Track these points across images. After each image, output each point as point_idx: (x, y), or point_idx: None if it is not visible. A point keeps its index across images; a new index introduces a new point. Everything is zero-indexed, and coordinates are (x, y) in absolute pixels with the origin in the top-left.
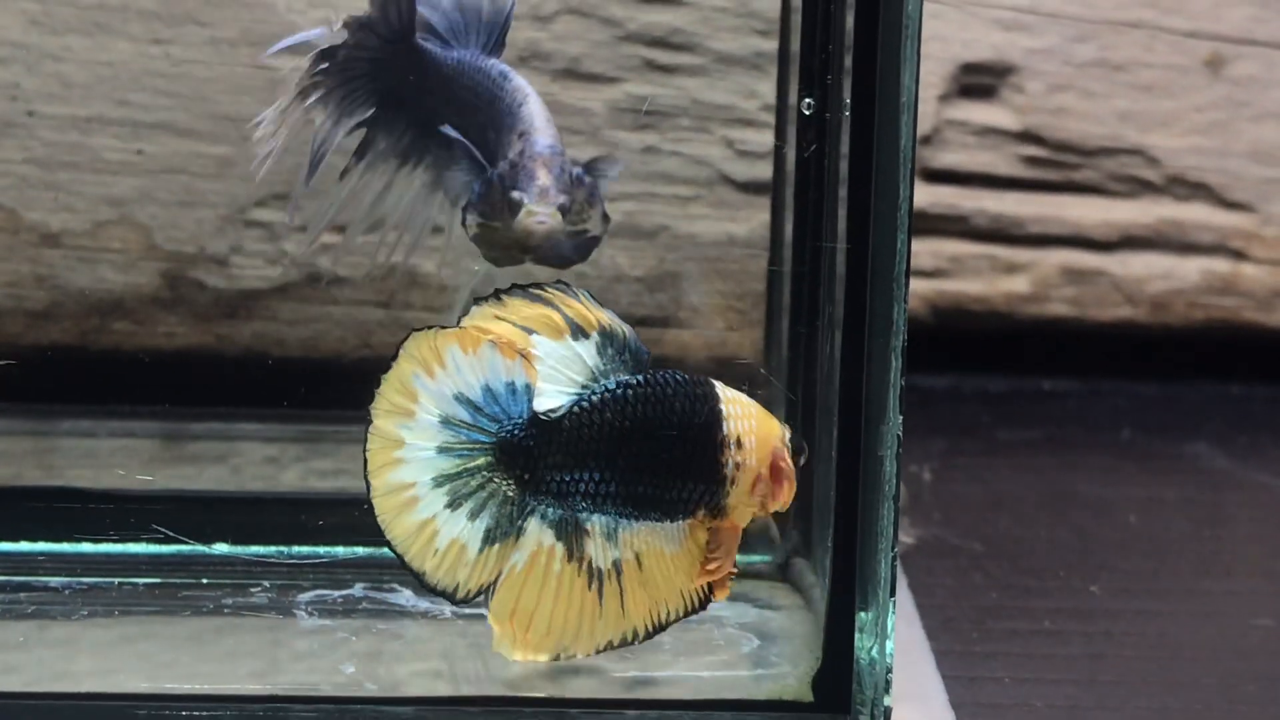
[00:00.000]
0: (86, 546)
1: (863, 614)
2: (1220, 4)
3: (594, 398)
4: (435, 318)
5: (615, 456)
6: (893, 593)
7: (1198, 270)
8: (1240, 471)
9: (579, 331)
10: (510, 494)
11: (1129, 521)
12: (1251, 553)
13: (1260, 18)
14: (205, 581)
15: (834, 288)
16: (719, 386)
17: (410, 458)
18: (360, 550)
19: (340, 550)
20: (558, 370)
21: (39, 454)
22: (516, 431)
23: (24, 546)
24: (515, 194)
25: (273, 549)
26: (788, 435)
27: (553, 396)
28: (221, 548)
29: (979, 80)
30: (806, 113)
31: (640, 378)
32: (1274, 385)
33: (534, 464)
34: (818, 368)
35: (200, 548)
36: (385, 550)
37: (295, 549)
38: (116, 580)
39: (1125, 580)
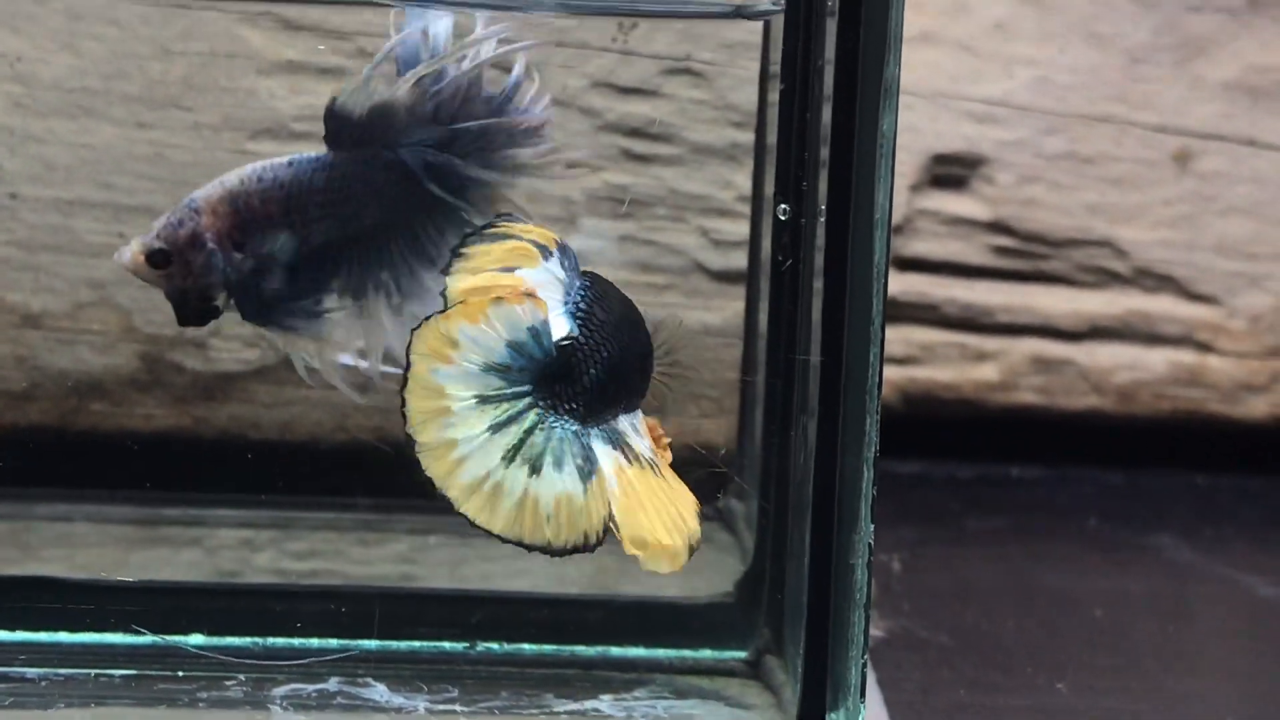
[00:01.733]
0: (63, 636)
1: (833, 715)
2: (1189, 100)
3: (581, 306)
4: None
5: (616, 352)
6: (863, 696)
7: (1164, 361)
8: (1204, 564)
9: (545, 251)
10: (572, 429)
11: (1095, 616)
12: (1217, 650)
13: (1228, 114)
14: (181, 674)
15: (808, 396)
16: None
17: (471, 451)
18: (334, 643)
19: (315, 643)
20: (548, 294)
21: (14, 538)
22: (554, 370)
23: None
24: None
25: (248, 641)
26: None
27: (557, 322)
28: (197, 639)
29: (950, 171)
30: (782, 218)
31: (585, 274)
32: (1238, 477)
33: (578, 391)
34: (790, 470)
35: (177, 639)
36: (362, 643)
37: (270, 641)
38: (93, 672)
39: (1092, 677)
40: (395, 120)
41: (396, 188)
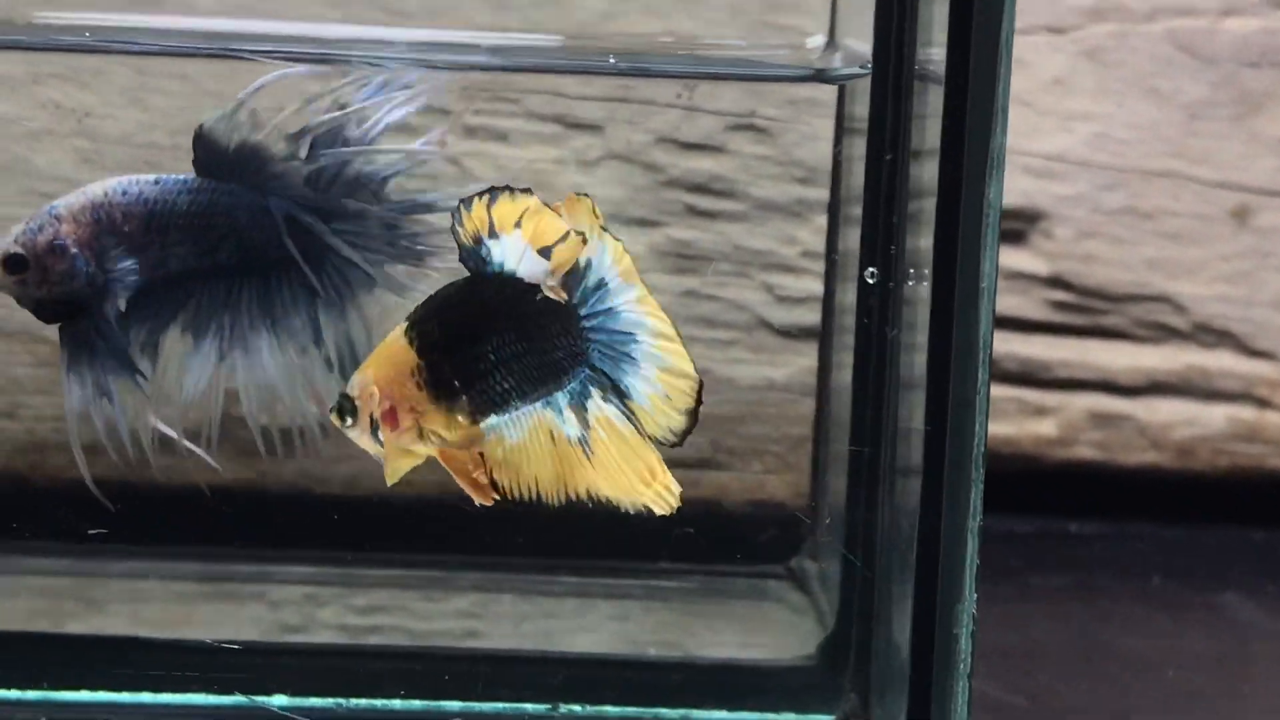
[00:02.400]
0: (146, 697)
1: None
2: (1247, 156)
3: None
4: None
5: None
6: None
7: (1223, 417)
8: (1269, 622)
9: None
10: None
11: (1168, 677)
12: None
13: None
14: None
15: (897, 458)
16: None
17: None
18: (417, 705)
19: (397, 704)
20: None
21: (80, 593)
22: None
23: (82, 696)
24: None
25: (331, 701)
26: None
27: None
28: (280, 700)
29: (1009, 225)
30: (870, 281)
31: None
32: None
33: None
34: (878, 533)
35: (260, 700)
36: (445, 704)
37: (353, 702)
38: None
39: None
40: (266, 162)
41: (257, 232)
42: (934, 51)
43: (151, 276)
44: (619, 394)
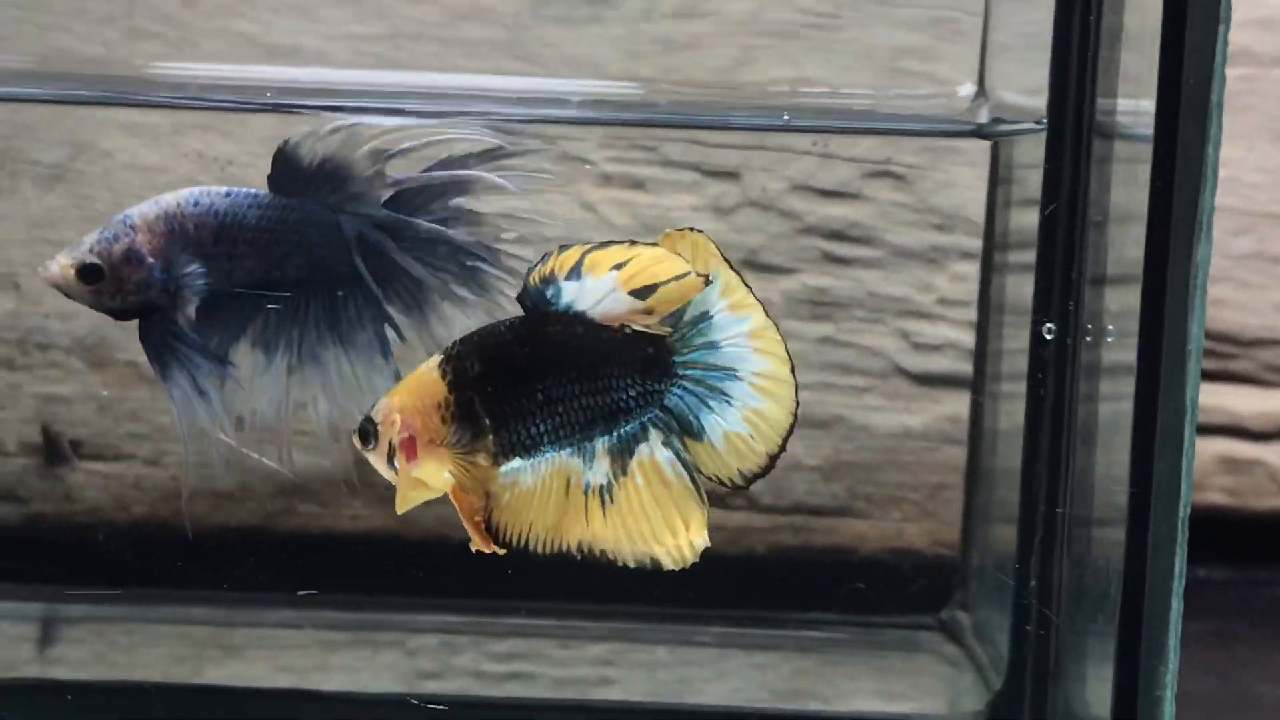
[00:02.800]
0: None
1: None
2: None
3: None
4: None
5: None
6: None
7: None
8: None
9: None
10: None
11: None
12: None
13: None
14: None
15: (1074, 512)
16: None
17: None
18: None
19: None
20: None
21: (219, 640)
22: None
23: None
24: None
25: None
26: None
27: None
28: None
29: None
30: (1047, 337)
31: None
32: None
33: None
34: (1056, 589)
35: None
36: None
37: None
38: None
39: None
40: (345, 180)
41: (326, 248)
42: (1119, 104)
43: (219, 287)
44: (689, 434)
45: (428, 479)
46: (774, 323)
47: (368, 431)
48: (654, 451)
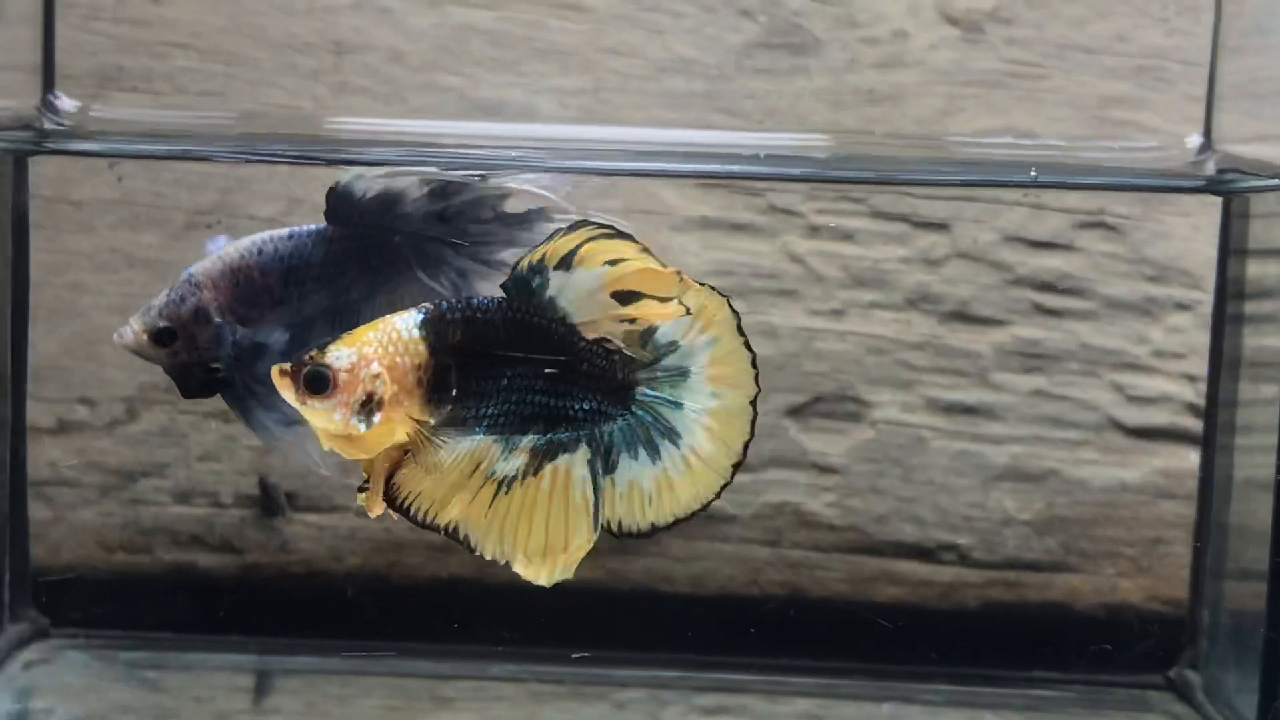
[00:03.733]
0: None
1: None
2: None
3: None
4: (822, 557)
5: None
6: None
7: None
8: None
9: None
10: None
11: None
12: None
13: None
14: None
15: None
16: None
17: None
18: None
19: None
20: None
21: (431, 692)
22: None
23: None
24: None
25: None
26: None
27: None
28: None
29: None
30: None
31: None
32: None
33: None
34: None
35: None
36: None
37: None
38: None
39: None
40: (397, 205)
41: (388, 267)
42: None
43: (291, 326)
44: (606, 468)
45: (385, 439)
46: (753, 411)
47: (325, 377)
48: (573, 465)
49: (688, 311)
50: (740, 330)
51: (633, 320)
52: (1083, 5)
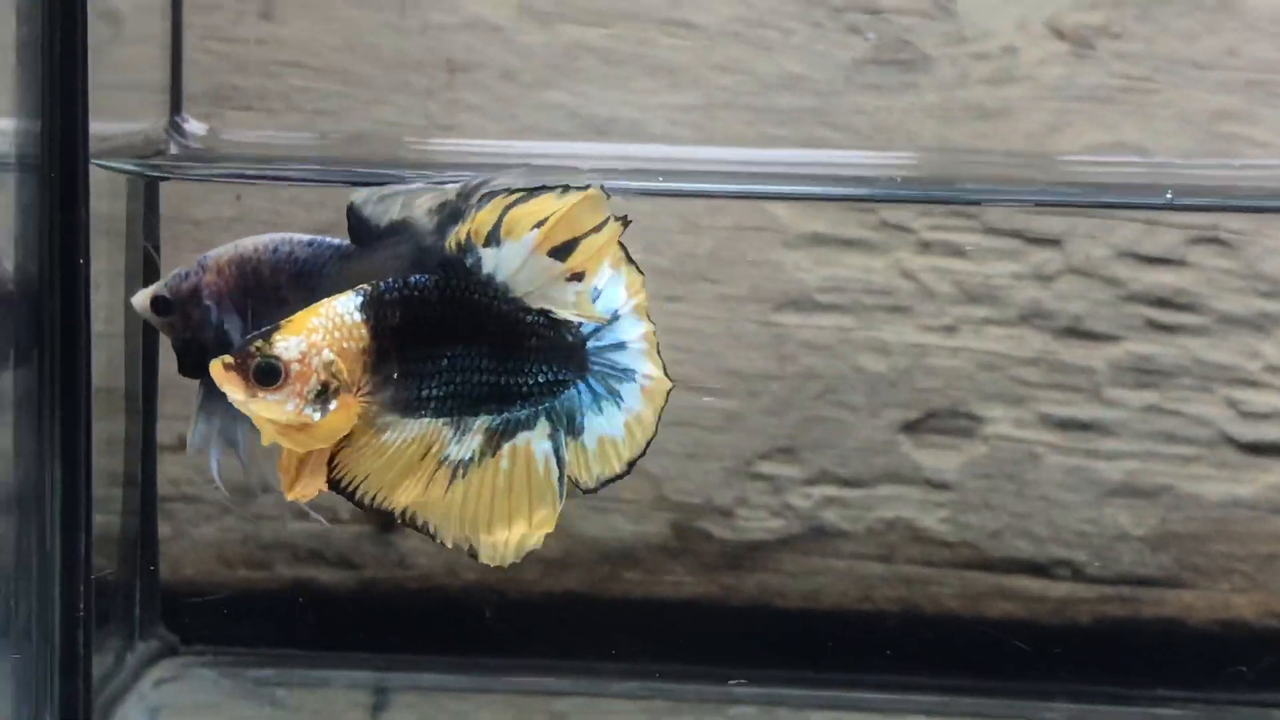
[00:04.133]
0: None
1: None
2: None
3: None
4: (935, 573)
5: None
6: None
7: None
8: None
9: None
10: None
11: None
12: None
13: None
14: None
15: None
16: None
17: None
18: None
19: None
20: None
21: (545, 707)
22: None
23: None
24: None
25: None
26: None
27: None
28: None
29: None
30: None
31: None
32: None
33: None
34: None
35: None
36: None
37: None
38: None
39: None
40: (412, 223)
41: None
42: None
43: None
44: (569, 432)
45: (341, 426)
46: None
47: (276, 368)
48: (533, 441)
49: (627, 222)
50: (628, 255)
51: (580, 276)
52: (1193, 20)
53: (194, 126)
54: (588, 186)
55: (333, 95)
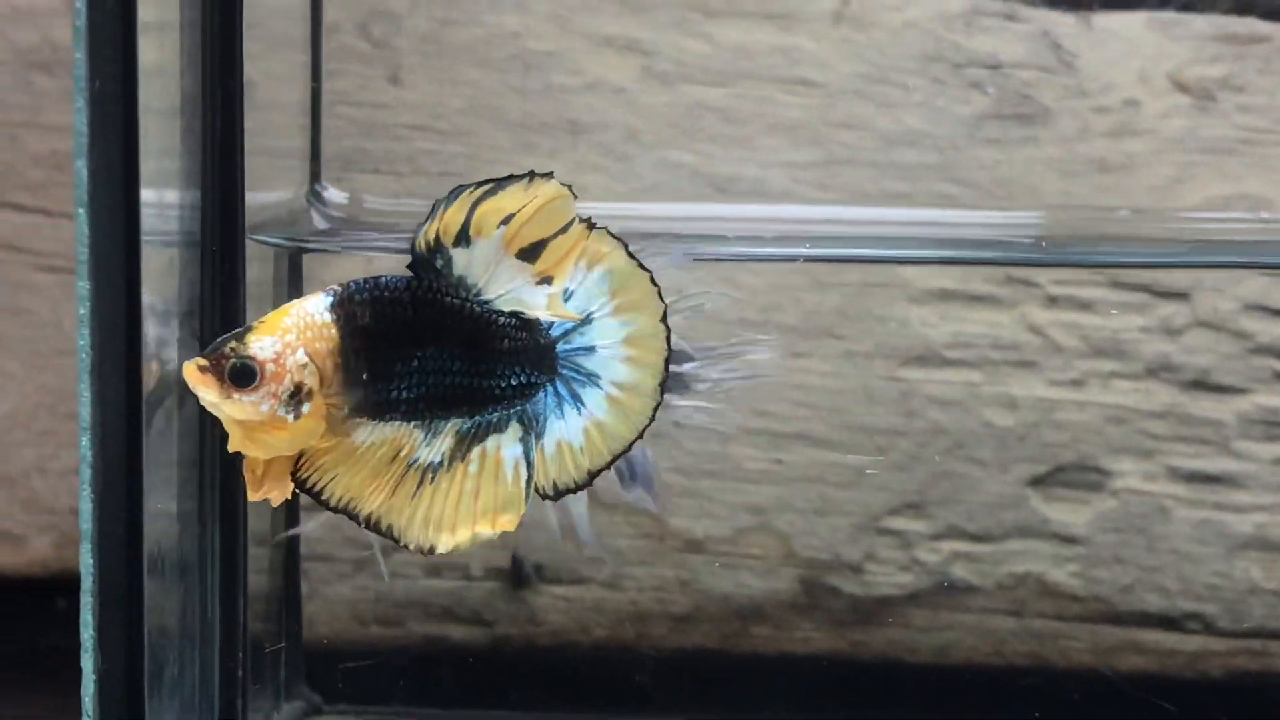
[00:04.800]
0: None
1: None
2: None
3: None
4: (1066, 627)
5: None
6: None
7: None
8: None
9: None
10: None
11: None
12: None
13: None
14: None
15: None
16: None
17: None
18: None
19: None
20: None
21: None
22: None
23: None
24: None
25: None
26: None
27: None
28: None
29: None
30: None
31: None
32: None
33: None
34: None
35: None
36: None
37: None
38: None
39: None
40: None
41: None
42: None
43: None
44: (537, 436)
45: (314, 429)
46: (665, 328)
47: (251, 369)
48: (503, 446)
49: (592, 225)
50: (631, 254)
51: (550, 278)
52: None
53: (333, 195)
54: (551, 174)
55: (459, 157)
